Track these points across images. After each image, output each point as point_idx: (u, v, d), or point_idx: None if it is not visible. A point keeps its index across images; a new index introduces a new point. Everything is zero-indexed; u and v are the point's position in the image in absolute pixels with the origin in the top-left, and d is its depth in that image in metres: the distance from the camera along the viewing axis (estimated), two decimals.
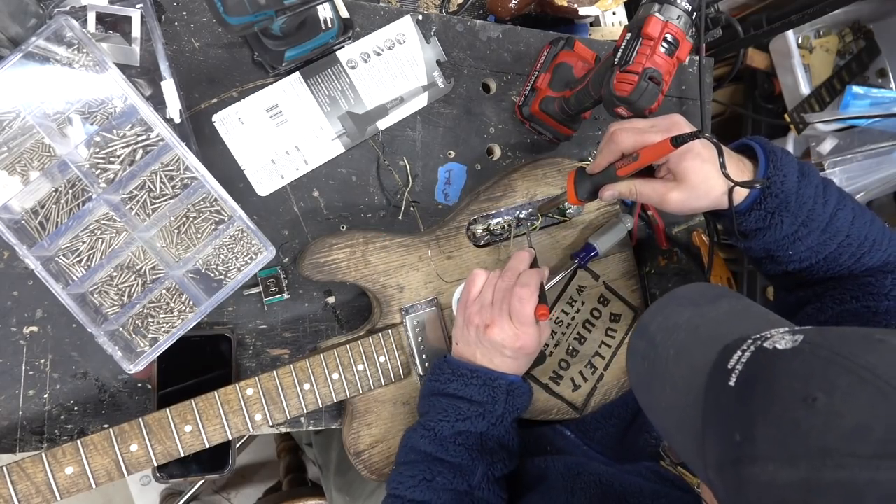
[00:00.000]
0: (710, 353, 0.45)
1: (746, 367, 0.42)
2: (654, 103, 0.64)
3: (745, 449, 0.38)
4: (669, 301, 0.53)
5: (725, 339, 0.46)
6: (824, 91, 1.21)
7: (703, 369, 0.44)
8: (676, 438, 0.47)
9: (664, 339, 0.49)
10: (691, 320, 0.49)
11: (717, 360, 0.44)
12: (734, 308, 0.51)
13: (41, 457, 0.58)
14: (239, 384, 0.65)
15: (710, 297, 0.52)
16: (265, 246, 0.66)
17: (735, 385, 0.41)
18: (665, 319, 0.51)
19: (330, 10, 0.72)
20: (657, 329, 0.50)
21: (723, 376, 0.42)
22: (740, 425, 0.39)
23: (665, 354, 0.48)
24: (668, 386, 0.47)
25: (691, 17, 0.63)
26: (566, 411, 0.80)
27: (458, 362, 0.68)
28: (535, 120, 0.81)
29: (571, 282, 0.81)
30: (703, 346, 0.46)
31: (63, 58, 0.62)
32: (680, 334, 0.49)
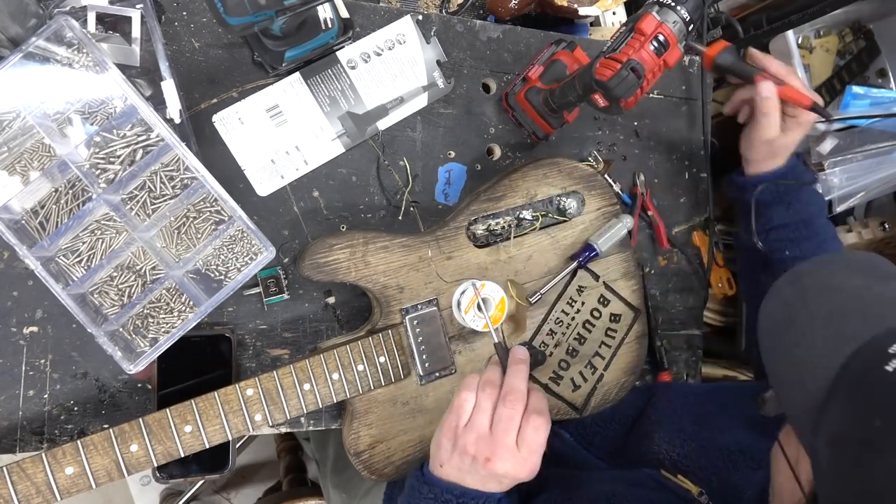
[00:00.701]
0: (868, 329, 0.43)
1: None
2: (630, 95, 0.64)
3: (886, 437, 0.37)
4: (837, 261, 0.52)
5: (890, 321, 0.43)
6: (824, 91, 1.21)
7: (852, 341, 0.42)
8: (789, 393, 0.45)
9: (818, 296, 0.47)
10: (858, 289, 0.47)
11: (874, 338, 0.42)
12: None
13: (41, 457, 0.58)
14: (239, 384, 0.65)
15: (883, 274, 0.49)
16: (265, 246, 0.66)
17: (894, 372, 0.39)
18: (827, 277, 0.48)
19: (330, 10, 0.72)
20: (813, 283, 0.48)
21: (878, 357, 0.40)
22: (887, 413, 0.38)
23: (814, 310, 0.46)
24: (803, 341, 0.45)
25: (687, 27, 0.63)
26: (566, 411, 0.80)
27: (442, 483, 0.60)
28: (517, 109, 0.81)
29: (571, 282, 0.81)
30: (862, 319, 0.44)
31: (63, 58, 0.62)
32: (840, 297, 0.46)
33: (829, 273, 0.49)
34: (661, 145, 0.95)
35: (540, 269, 0.80)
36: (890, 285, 0.47)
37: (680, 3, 0.63)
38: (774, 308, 0.49)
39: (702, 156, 0.97)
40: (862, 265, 0.50)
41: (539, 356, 0.76)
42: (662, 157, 0.95)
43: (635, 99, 0.66)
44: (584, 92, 0.70)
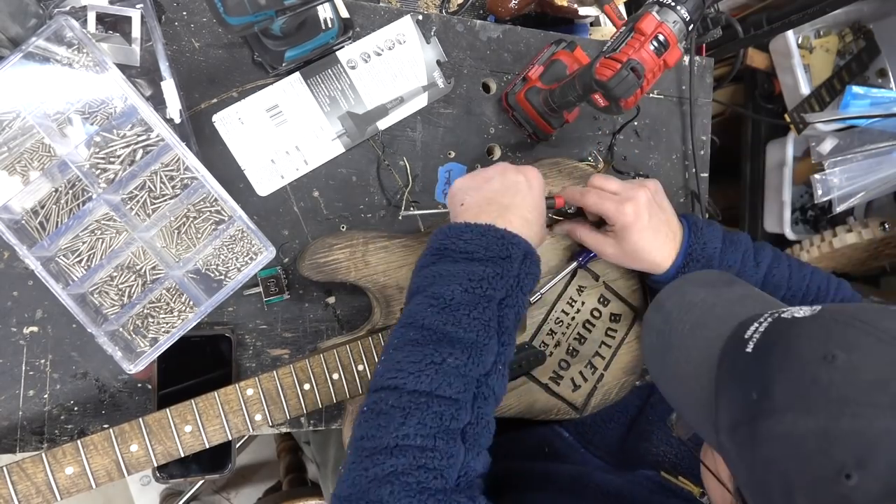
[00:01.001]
0: (726, 328, 0.47)
1: (764, 335, 0.44)
2: (630, 95, 0.64)
3: (763, 404, 0.40)
4: (685, 282, 0.56)
5: (741, 316, 0.48)
6: (824, 91, 1.21)
7: (717, 341, 0.47)
8: (686, 407, 0.49)
9: (679, 315, 0.52)
10: (706, 299, 0.52)
11: (733, 332, 0.46)
12: (749, 293, 0.54)
13: (41, 457, 0.58)
14: (239, 384, 0.65)
15: (726, 281, 0.56)
16: (265, 246, 0.66)
17: (752, 350, 0.43)
18: (681, 297, 0.53)
19: (330, 10, 0.72)
20: (673, 306, 0.53)
21: (739, 345, 0.45)
22: (757, 385, 0.41)
23: (680, 329, 0.51)
24: (681, 357, 0.49)
25: (687, 28, 0.63)
26: (566, 411, 0.80)
27: (467, 222, 0.58)
28: (518, 109, 0.81)
29: (571, 282, 0.81)
30: (719, 322, 0.49)
31: (63, 58, 0.62)
32: (696, 311, 0.51)
33: (682, 294, 0.54)
34: (660, 145, 0.95)
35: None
36: (733, 289, 0.54)
37: (680, 3, 0.63)
38: (650, 338, 0.54)
39: (702, 156, 0.97)
40: (707, 279, 0.56)
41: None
42: (662, 157, 0.95)
43: (635, 99, 0.66)
44: (584, 92, 0.70)
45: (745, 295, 0.53)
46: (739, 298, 0.52)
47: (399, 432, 0.49)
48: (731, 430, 0.43)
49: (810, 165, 1.27)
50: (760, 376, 0.42)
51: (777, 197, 1.33)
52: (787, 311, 0.45)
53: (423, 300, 0.55)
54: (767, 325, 0.45)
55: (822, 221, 1.35)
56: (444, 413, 0.50)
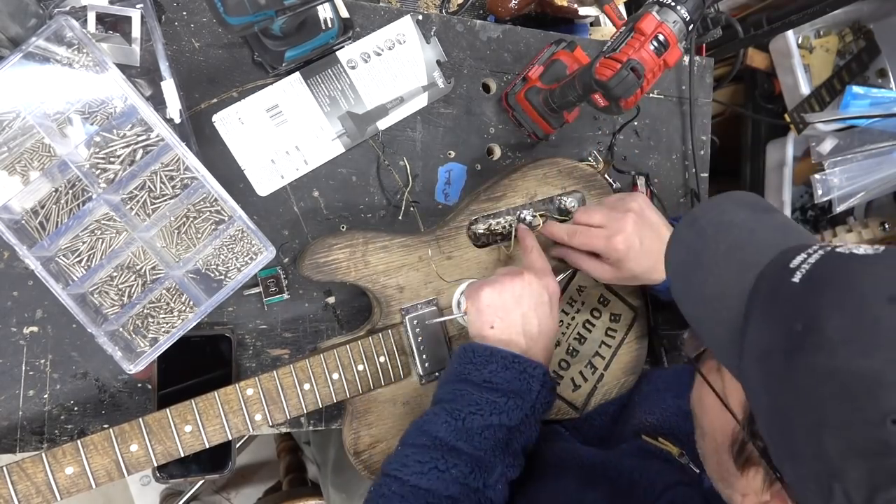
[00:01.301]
0: (766, 253, 0.45)
1: (816, 267, 0.41)
2: (630, 95, 0.64)
3: (810, 337, 0.38)
4: (725, 200, 0.53)
5: (783, 244, 0.46)
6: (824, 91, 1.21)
7: (754, 267, 0.45)
8: (708, 327, 0.47)
9: (715, 233, 0.49)
10: (747, 222, 0.49)
11: (774, 259, 0.44)
12: (789, 222, 0.51)
13: (41, 457, 0.58)
14: (239, 384, 0.65)
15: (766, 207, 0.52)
16: (265, 246, 0.66)
17: (800, 282, 0.41)
18: (719, 215, 0.50)
19: (330, 10, 0.72)
20: (708, 223, 0.50)
21: (783, 273, 0.42)
22: (804, 316, 0.39)
23: (714, 247, 0.48)
24: (712, 278, 0.47)
25: (687, 27, 0.63)
26: (566, 411, 0.80)
27: (494, 346, 0.64)
28: (518, 109, 0.81)
29: (571, 282, 0.81)
30: (758, 247, 0.47)
31: (63, 58, 0.62)
32: (734, 232, 0.49)
33: (720, 211, 0.51)
34: (660, 145, 0.95)
35: None
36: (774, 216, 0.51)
37: (680, 3, 0.63)
38: (679, 253, 0.51)
39: (702, 156, 0.97)
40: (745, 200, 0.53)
41: None
42: (662, 157, 0.95)
43: (635, 99, 0.66)
44: (584, 92, 0.70)
45: (787, 224, 0.50)
46: (781, 226, 0.49)
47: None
48: (761, 356, 0.42)
49: (810, 165, 1.27)
50: (809, 308, 0.39)
51: (777, 197, 1.33)
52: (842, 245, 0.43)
53: (441, 412, 0.61)
54: (819, 257, 0.42)
55: (822, 221, 1.35)
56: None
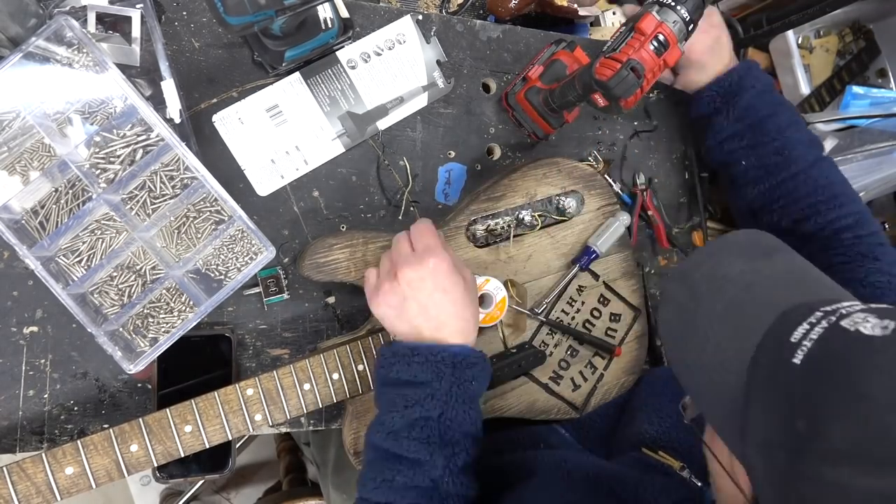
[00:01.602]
0: (766, 318, 0.40)
1: (818, 347, 0.36)
2: (630, 95, 0.64)
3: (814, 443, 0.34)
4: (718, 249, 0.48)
5: (783, 304, 0.41)
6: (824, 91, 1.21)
7: (754, 333, 0.40)
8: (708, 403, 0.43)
9: (709, 292, 0.44)
10: (743, 275, 0.44)
11: (773, 327, 0.39)
12: (792, 267, 0.46)
13: (41, 457, 0.58)
14: (239, 384, 0.65)
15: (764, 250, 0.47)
16: (265, 246, 0.66)
17: (802, 364, 0.36)
18: (713, 269, 0.45)
19: (330, 10, 0.72)
20: (702, 278, 0.45)
21: (782, 349, 0.37)
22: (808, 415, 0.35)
23: (709, 309, 0.43)
24: (708, 345, 0.42)
25: (687, 27, 0.63)
26: (566, 411, 0.80)
27: (399, 343, 0.63)
28: (517, 109, 0.81)
29: (571, 282, 0.81)
30: (757, 308, 0.41)
31: (63, 58, 0.62)
32: (729, 289, 0.44)
33: (714, 264, 0.46)
34: (661, 145, 0.95)
35: (540, 269, 0.80)
36: (773, 261, 0.46)
37: (680, 3, 0.63)
38: (670, 315, 0.47)
39: (702, 156, 0.97)
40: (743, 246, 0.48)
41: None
42: (662, 156, 0.95)
43: (635, 99, 0.66)
44: (584, 92, 0.70)
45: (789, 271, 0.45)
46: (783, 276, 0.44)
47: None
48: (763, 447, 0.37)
49: None
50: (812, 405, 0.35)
51: None
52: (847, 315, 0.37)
53: (374, 422, 0.62)
54: (822, 331, 0.37)
55: None
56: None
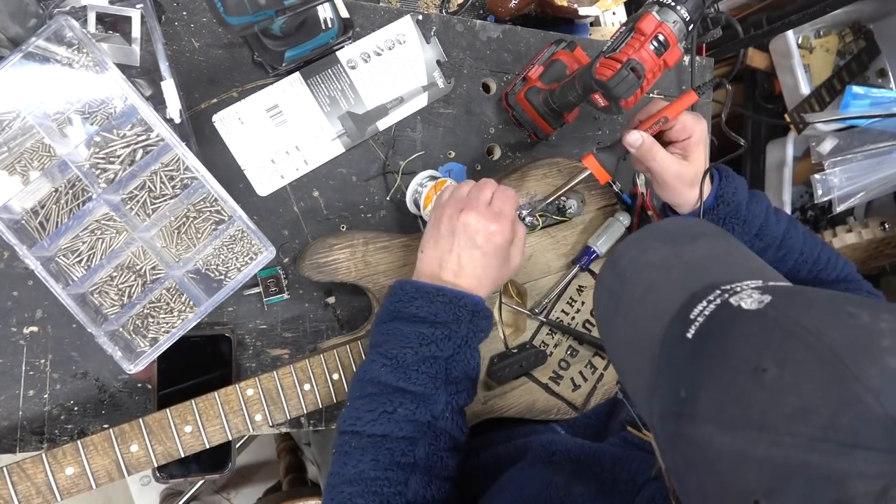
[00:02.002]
0: (677, 298, 0.42)
1: (707, 322, 0.39)
2: (630, 95, 0.64)
3: (687, 407, 0.37)
4: (647, 235, 0.50)
5: (695, 285, 0.43)
6: (824, 91, 1.21)
7: (666, 314, 0.42)
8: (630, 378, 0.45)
9: (633, 276, 0.46)
10: (665, 259, 0.46)
11: (682, 306, 0.42)
12: (713, 250, 0.47)
13: (41, 457, 0.58)
14: (239, 384, 0.65)
15: (691, 235, 0.49)
16: (265, 246, 0.66)
17: (692, 338, 0.39)
18: (639, 254, 0.48)
19: (330, 10, 0.72)
20: (628, 263, 0.47)
21: (683, 326, 0.40)
22: (687, 382, 0.38)
23: (632, 292, 0.46)
24: (629, 325, 0.45)
25: (687, 28, 0.63)
26: (566, 411, 0.80)
27: (421, 282, 0.63)
28: (517, 109, 0.81)
29: (571, 282, 0.81)
30: (672, 290, 0.44)
31: (63, 58, 0.62)
32: (651, 272, 0.46)
33: (640, 250, 0.48)
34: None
35: (540, 269, 0.80)
36: (697, 244, 0.47)
37: (680, 3, 0.63)
38: (601, 297, 0.49)
39: None
40: (671, 232, 0.49)
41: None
42: None
43: (635, 99, 0.66)
44: (584, 92, 0.70)
45: (710, 253, 0.47)
46: (700, 260, 0.46)
47: (357, 468, 0.58)
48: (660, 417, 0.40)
49: (810, 165, 1.27)
50: (691, 373, 0.38)
51: (777, 197, 1.33)
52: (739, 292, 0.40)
53: (378, 358, 0.61)
54: (714, 308, 0.39)
55: (822, 221, 1.36)
56: (395, 450, 0.58)
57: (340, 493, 0.58)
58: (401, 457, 0.58)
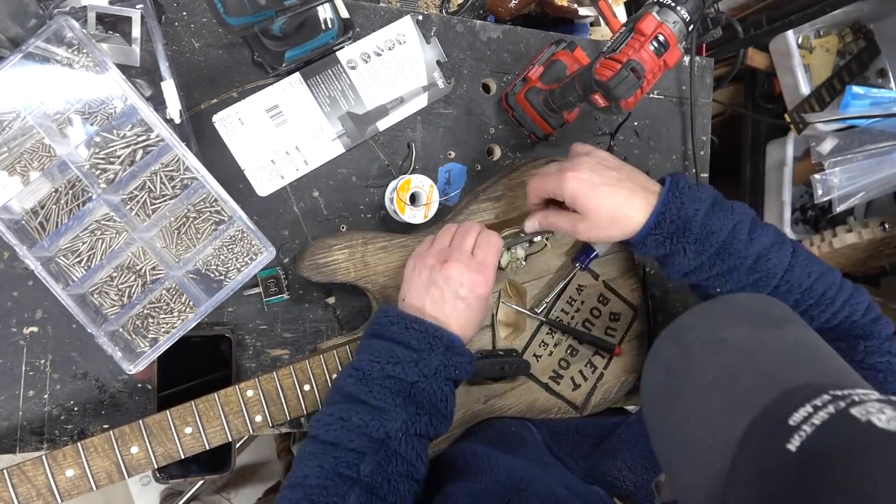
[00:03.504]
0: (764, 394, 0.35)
1: (820, 434, 0.31)
2: (630, 95, 0.64)
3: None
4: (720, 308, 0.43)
5: (788, 381, 0.35)
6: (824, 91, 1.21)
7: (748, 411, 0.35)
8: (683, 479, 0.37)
9: (704, 355, 0.39)
10: (746, 342, 0.39)
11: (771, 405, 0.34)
12: (802, 341, 0.40)
13: (42, 459, 0.58)
14: (239, 385, 0.65)
15: (774, 319, 0.42)
16: (265, 246, 0.66)
17: (797, 452, 0.31)
18: (711, 330, 0.41)
19: (330, 10, 0.72)
20: (697, 339, 0.40)
21: (778, 431, 0.32)
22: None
23: (701, 375, 0.38)
24: (693, 415, 0.37)
25: (687, 28, 0.63)
26: (566, 410, 0.80)
27: (404, 311, 0.63)
28: (517, 109, 0.81)
29: (571, 281, 0.81)
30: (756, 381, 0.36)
31: (63, 58, 0.62)
32: (727, 356, 0.39)
33: (713, 326, 0.41)
34: (661, 145, 0.95)
35: (540, 269, 0.80)
36: (783, 331, 0.40)
37: (680, 3, 0.63)
38: (656, 375, 0.42)
39: (702, 156, 0.97)
40: (750, 310, 0.43)
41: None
42: (662, 157, 0.95)
43: (635, 99, 0.66)
44: (584, 92, 0.70)
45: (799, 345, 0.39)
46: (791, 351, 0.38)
47: (302, 473, 0.56)
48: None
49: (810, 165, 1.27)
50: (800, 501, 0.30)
51: (777, 197, 1.33)
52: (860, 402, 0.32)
53: (349, 367, 0.62)
54: (828, 417, 0.31)
55: (822, 221, 1.36)
56: (341, 459, 0.56)
57: (283, 497, 0.56)
58: (345, 468, 0.56)
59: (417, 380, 0.59)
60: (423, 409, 0.60)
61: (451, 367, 0.61)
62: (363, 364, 0.60)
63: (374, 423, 0.57)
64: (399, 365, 0.60)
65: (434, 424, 0.60)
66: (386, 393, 0.59)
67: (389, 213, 0.77)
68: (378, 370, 0.60)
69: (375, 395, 0.58)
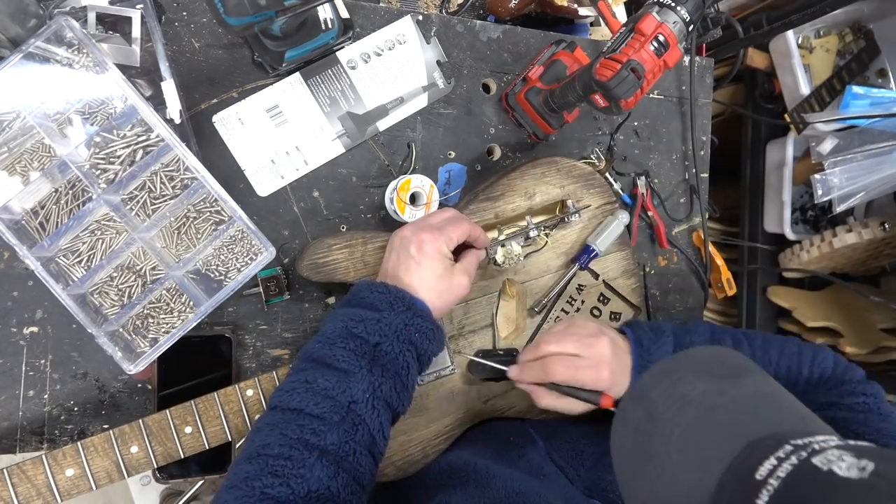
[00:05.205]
0: (729, 447, 0.36)
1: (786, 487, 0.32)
2: (630, 96, 0.64)
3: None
4: (678, 364, 0.44)
5: (751, 433, 0.36)
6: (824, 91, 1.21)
7: (716, 464, 0.35)
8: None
9: (668, 413, 0.40)
10: (706, 396, 0.40)
11: (737, 459, 0.35)
12: (760, 391, 0.41)
13: (42, 459, 0.58)
14: (239, 385, 0.65)
15: (732, 370, 0.43)
16: (265, 246, 0.66)
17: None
18: (672, 387, 0.41)
19: (330, 10, 0.72)
20: (660, 397, 0.41)
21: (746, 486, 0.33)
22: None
23: (667, 433, 0.39)
24: (664, 474, 0.38)
25: (687, 28, 0.63)
26: None
27: (374, 280, 0.64)
28: (518, 109, 0.81)
29: (571, 281, 0.81)
30: (720, 435, 0.37)
31: (63, 58, 0.62)
32: (690, 411, 0.39)
33: (674, 381, 0.42)
34: (660, 145, 0.95)
35: (539, 268, 0.80)
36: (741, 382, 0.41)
37: (680, 3, 0.63)
38: (624, 437, 0.42)
39: (702, 156, 0.97)
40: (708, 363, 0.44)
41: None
42: (662, 157, 0.95)
43: (635, 99, 0.66)
44: (584, 92, 0.70)
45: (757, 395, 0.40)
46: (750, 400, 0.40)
47: (262, 442, 0.52)
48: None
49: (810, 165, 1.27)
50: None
51: (777, 197, 1.33)
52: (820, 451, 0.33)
53: (313, 338, 0.60)
54: (791, 468, 0.32)
55: (822, 221, 1.35)
56: (305, 426, 0.53)
57: (235, 475, 0.51)
58: (311, 435, 0.52)
59: (380, 340, 0.58)
60: (387, 374, 0.58)
61: (412, 328, 0.60)
62: (326, 328, 0.60)
63: (339, 385, 0.55)
64: (362, 323, 0.59)
65: (398, 392, 0.59)
66: (350, 355, 0.57)
67: (389, 213, 0.77)
68: (341, 328, 0.59)
69: (339, 357, 0.57)
